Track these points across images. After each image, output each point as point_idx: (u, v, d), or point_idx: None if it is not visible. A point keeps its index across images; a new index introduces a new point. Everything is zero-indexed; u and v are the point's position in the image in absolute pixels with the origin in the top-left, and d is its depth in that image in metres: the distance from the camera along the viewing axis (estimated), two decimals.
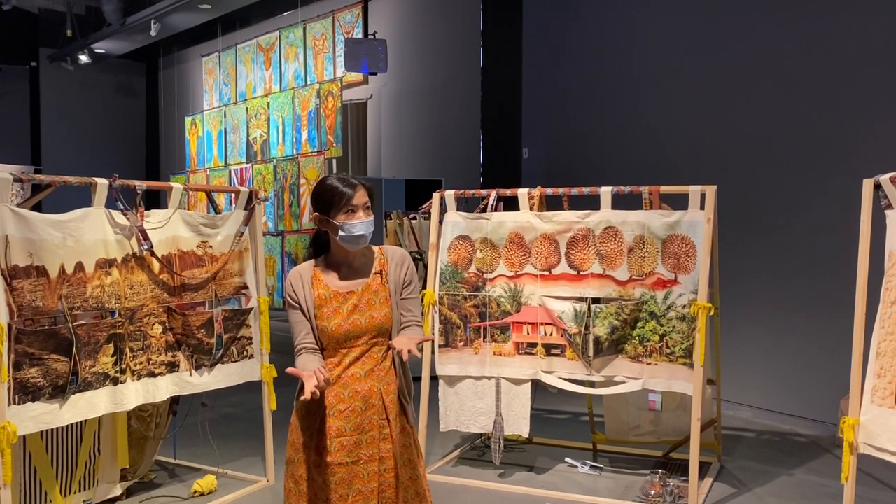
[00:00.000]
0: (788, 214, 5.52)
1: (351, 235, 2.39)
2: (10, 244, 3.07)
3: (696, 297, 3.92)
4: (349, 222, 2.38)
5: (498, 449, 4.33)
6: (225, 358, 4.03)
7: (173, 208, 3.85)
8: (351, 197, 2.38)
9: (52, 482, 3.57)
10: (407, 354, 2.25)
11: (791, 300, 5.49)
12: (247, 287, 4.18)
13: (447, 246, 4.45)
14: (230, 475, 4.40)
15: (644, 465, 4.50)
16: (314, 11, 10.53)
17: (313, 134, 9.91)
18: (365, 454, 2.40)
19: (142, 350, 3.62)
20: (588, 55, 7.06)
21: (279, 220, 10.15)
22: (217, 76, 12.49)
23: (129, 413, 3.87)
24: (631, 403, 4.64)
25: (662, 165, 6.19)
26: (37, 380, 3.14)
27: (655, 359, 4.03)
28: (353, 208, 2.38)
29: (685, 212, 4.01)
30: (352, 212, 2.38)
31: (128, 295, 3.55)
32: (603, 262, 4.15)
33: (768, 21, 5.65)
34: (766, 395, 5.63)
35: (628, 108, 6.66)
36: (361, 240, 2.41)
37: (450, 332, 4.40)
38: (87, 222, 3.39)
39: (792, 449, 4.96)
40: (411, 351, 2.26)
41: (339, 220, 2.38)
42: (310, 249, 2.54)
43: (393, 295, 2.47)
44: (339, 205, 2.38)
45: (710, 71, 6.01)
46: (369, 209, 2.42)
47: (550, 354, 4.23)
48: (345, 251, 2.45)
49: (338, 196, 2.38)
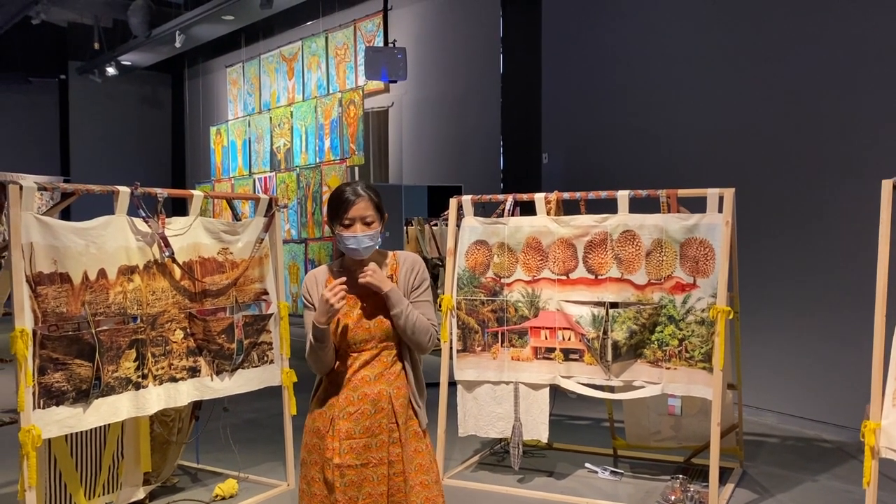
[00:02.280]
0: (809, 216, 5.47)
1: (345, 247, 2.43)
2: (35, 251, 3.14)
3: (716, 300, 3.89)
4: (344, 234, 2.41)
5: (517, 454, 4.33)
6: (245, 363, 4.08)
7: (194, 215, 3.91)
8: (348, 209, 2.39)
9: (76, 485, 3.63)
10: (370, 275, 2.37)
11: (814, 302, 5.42)
12: (267, 293, 4.23)
13: (464, 251, 4.46)
14: (251, 479, 4.44)
15: (665, 471, 4.46)
16: (336, 21, 10.63)
17: (336, 142, 9.98)
18: (374, 457, 2.42)
19: (163, 355, 3.67)
20: (607, 60, 7.06)
21: (302, 227, 10.23)
22: (241, 86, 12.65)
23: (151, 418, 3.92)
24: (651, 408, 4.61)
25: (680, 169, 6.16)
26: (61, 384, 3.20)
27: (675, 363, 4.01)
28: (350, 221, 2.40)
29: (703, 215, 3.98)
30: (348, 225, 2.40)
31: (150, 301, 3.61)
32: (621, 266, 4.14)
33: (786, 23, 5.61)
34: (790, 400, 5.56)
35: (647, 112, 6.64)
36: (354, 253, 2.43)
37: (468, 336, 4.41)
38: (110, 230, 3.46)
39: (816, 455, 4.90)
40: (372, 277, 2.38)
41: (337, 232, 2.43)
42: (335, 251, 2.60)
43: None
44: (339, 215, 2.42)
45: (726, 74, 5.97)
46: (371, 223, 2.41)
47: (569, 359, 4.22)
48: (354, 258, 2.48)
49: (339, 206, 2.41)
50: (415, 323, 2.43)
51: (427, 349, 2.52)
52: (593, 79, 7.20)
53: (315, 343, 2.39)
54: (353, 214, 2.39)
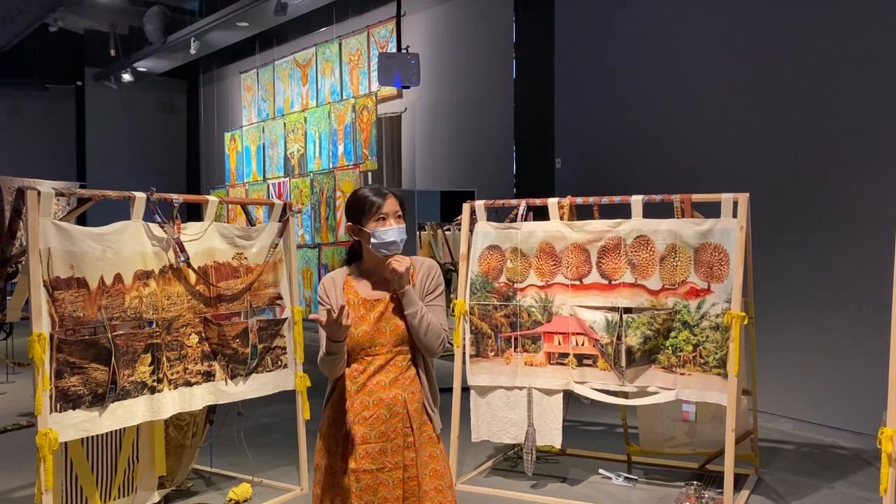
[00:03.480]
0: (824, 220, 5.43)
1: (382, 242, 2.44)
2: (53, 256, 3.17)
3: (730, 305, 3.87)
4: (380, 229, 2.43)
5: (530, 460, 4.32)
6: (260, 367, 4.10)
7: (209, 221, 3.94)
8: (381, 205, 2.44)
9: (92, 488, 3.66)
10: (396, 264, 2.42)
11: (830, 308, 5.38)
12: (281, 297, 4.25)
13: (477, 256, 4.47)
14: (265, 483, 4.46)
15: (679, 477, 4.44)
16: (349, 27, 10.68)
17: (349, 148, 10.02)
18: (390, 462, 2.43)
19: (178, 359, 3.69)
20: (620, 65, 7.05)
21: (316, 232, 10.26)
22: (255, 92, 12.72)
23: (166, 422, 3.95)
24: (665, 414, 4.59)
25: (694, 174, 6.14)
26: (77, 388, 3.23)
27: (689, 369, 3.99)
28: (383, 216, 2.44)
29: (717, 220, 3.97)
30: (383, 219, 2.44)
31: (165, 305, 3.63)
32: (634, 271, 4.13)
33: (801, 27, 5.59)
34: (806, 407, 5.52)
35: (661, 117, 6.62)
36: (393, 246, 2.45)
37: (480, 342, 4.41)
38: (126, 235, 3.49)
39: (833, 462, 4.86)
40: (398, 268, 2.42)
41: (371, 228, 2.44)
42: (345, 259, 2.61)
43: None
44: (371, 213, 2.45)
45: (741, 78, 5.95)
46: (400, 217, 2.48)
47: (582, 365, 4.22)
48: (376, 260, 2.49)
49: (368, 205, 2.45)
50: (428, 325, 2.44)
51: (437, 353, 2.53)
52: (606, 83, 7.19)
53: (329, 356, 2.40)
54: (386, 210, 2.45)
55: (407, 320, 2.45)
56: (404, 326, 2.47)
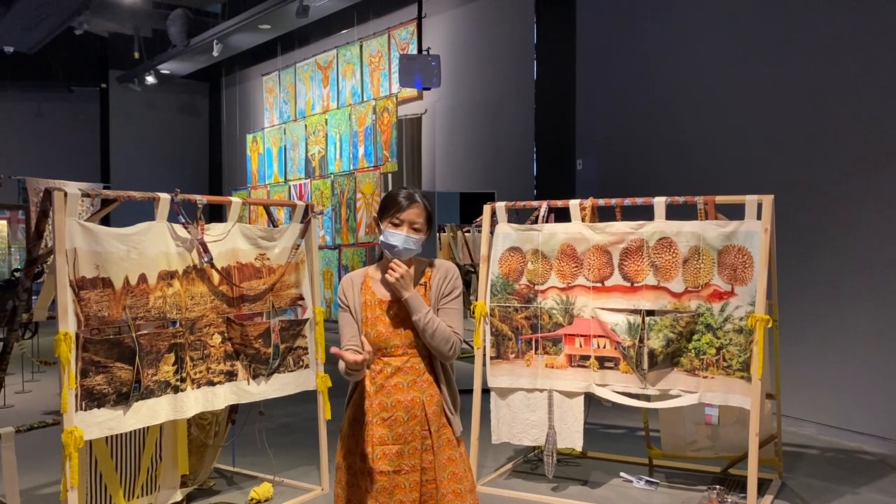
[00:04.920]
0: (850, 222, 5.36)
1: (387, 243, 2.46)
2: (79, 256, 3.21)
3: (754, 308, 3.83)
4: (389, 230, 2.45)
5: (551, 462, 4.30)
6: (281, 367, 4.12)
7: (232, 222, 3.97)
8: (401, 210, 2.45)
9: (116, 486, 3.70)
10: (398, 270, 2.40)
11: (855, 311, 5.31)
12: (303, 298, 4.27)
13: (498, 258, 4.46)
14: (286, 483, 4.48)
15: (702, 481, 4.40)
16: (370, 29, 10.72)
17: (369, 149, 10.05)
18: (407, 464, 2.43)
19: (201, 359, 3.72)
20: (642, 66, 7.01)
21: (336, 233, 10.31)
22: (277, 94, 12.80)
23: (189, 421, 3.98)
24: (687, 418, 4.55)
25: (718, 175, 6.09)
26: (102, 387, 3.26)
27: (712, 372, 3.96)
28: (399, 221, 2.44)
29: (741, 222, 3.93)
30: (397, 224, 2.44)
31: (188, 306, 3.66)
32: (657, 273, 4.10)
33: (824, 26, 5.52)
34: (831, 412, 5.45)
35: (683, 118, 6.58)
36: (395, 250, 2.45)
37: (501, 343, 4.40)
38: (150, 235, 3.52)
39: (858, 467, 4.79)
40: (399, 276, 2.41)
41: (384, 227, 2.47)
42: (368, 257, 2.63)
43: (433, 306, 2.51)
44: (389, 213, 2.47)
45: (763, 79, 5.90)
46: (418, 229, 2.46)
47: (604, 367, 4.19)
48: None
49: (393, 205, 2.47)
50: (435, 330, 2.43)
51: (448, 357, 2.52)
52: (628, 84, 7.15)
53: (349, 375, 2.41)
54: (404, 217, 2.45)
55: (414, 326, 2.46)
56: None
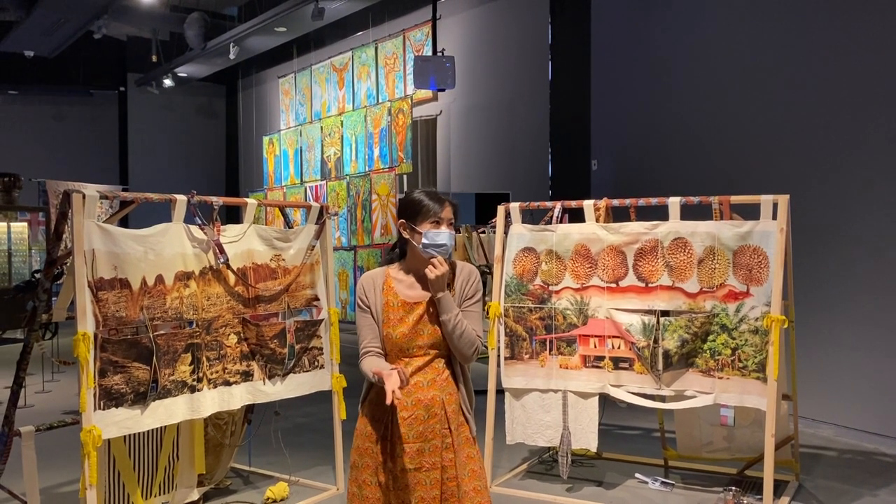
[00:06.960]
0: (867, 222, 5.31)
1: (434, 243, 2.48)
2: (97, 258, 3.25)
3: (770, 309, 3.81)
4: (433, 231, 2.48)
5: (566, 463, 4.30)
6: (297, 368, 4.14)
7: (248, 223, 4.00)
8: (439, 210, 2.49)
9: (133, 485, 3.74)
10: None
11: (873, 311, 5.27)
12: (318, 299, 4.29)
13: (512, 258, 4.46)
14: (301, 483, 4.50)
15: (717, 482, 4.38)
16: (385, 31, 10.76)
17: (385, 151, 10.08)
18: (427, 462, 2.45)
19: (218, 359, 3.75)
20: (657, 66, 6.98)
21: (352, 235, 10.34)
22: (293, 96, 12.86)
23: (205, 420, 4.01)
24: (703, 419, 4.53)
25: (733, 175, 6.06)
26: (120, 386, 3.30)
27: (727, 373, 3.94)
28: (439, 220, 2.49)
29: (757, 222, 3.91)
30: (437, 223, 2.48)
31: (205, 306, 3.70)
32: (672, 273, 4.09)
33: (840, 26, 5.48)
34: (849, 413, 5.40)
35: (698, 118, 6.55)
36: (442, 249, 2.49)
37: (515, 344, 4.41)
38: (167, 237, 3.56)
39: (876, 469, 4.75)
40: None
41: (424, 229, 2.48)
42: (390, 254, 2.64)
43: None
44: (428, 215, 2.49)
45: (778, 79, 5.86)
46: (452, 225, 2.54)
47: (618, 368, 4.19)
48: (418, 262, 2.52)
49: (426, 208, 2.49)
50: (462, 332, 2.46)
51: (470, 360, 2.55)
52: (643, 84, 7.13)
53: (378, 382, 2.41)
54: (444, 215, 2.50)
55: (441, 326, 2.47)
56: (441, 330, 2.49)
